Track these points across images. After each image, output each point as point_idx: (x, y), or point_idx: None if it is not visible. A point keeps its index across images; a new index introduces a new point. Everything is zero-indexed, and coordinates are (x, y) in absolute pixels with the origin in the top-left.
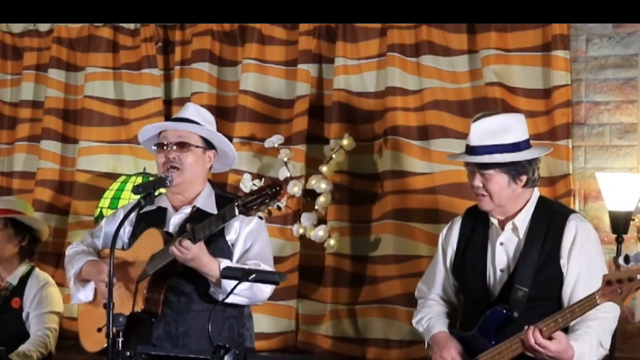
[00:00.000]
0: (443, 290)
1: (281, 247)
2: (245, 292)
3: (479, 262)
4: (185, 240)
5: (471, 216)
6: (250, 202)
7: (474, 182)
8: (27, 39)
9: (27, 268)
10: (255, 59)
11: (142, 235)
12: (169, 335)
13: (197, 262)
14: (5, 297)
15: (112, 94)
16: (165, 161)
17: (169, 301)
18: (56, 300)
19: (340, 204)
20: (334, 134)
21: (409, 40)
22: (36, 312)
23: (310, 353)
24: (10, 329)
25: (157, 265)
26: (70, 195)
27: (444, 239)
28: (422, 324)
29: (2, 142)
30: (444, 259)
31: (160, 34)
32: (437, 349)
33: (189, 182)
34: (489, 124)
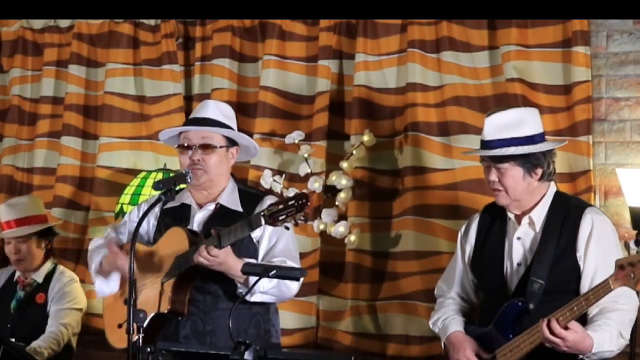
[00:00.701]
0: (462, 287)
1: (302, 243)
2: (273, 291)
3: (497, 257)
4: (211, 248)
5: (489, 213)
6: (277, 213)
7: (489, 176)
8: (47, 35)
9: (51, 265)
10: (276, 55)
11: (167, 233)
12: (196, 334)
13: (224, 267)
14: (30, 292)
15: (132, 90)
16: (190, 163)
17: (195, 300)
18: (79, 296)
19: (361, 200)
20: (355, 130)
21: (430, 36)
22: (56, 307)
23: (331, 349)
24: (34, 323)
25: (182, 267)
26: (91, 191)
27: (462, 236)
28: (437, 325)
29: (23, 138)
30: (462, 256)
31: (181, 30)
32: (453, 351)
33: (213, 180)
34: (502, 118)
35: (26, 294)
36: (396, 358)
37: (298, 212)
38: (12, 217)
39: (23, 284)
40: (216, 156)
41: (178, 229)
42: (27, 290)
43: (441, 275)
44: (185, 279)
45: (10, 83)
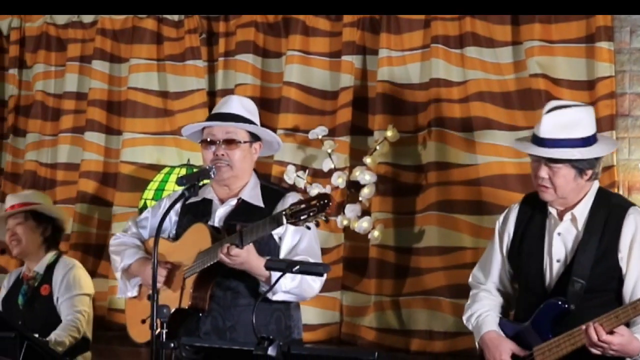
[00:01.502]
0: (499, 278)
1: (325, 238)
2: (295, 290)
3: (536, 252)
4: (232, 248)
5: (529, 204)
6: (299, 213)
7: (540, 172)
8: (71, 31)
9: (53, 256)
10: (299, 50)
11: (189, 230)
12: (216, 330)
13: (246, 265)
14: (34, 285)
15: (156, 85)
16: (214, 158)
17: (215, 296)
18: (84, 281)
19: (384, 196)
20: (378, 126)
21: (453, 32)
22: (65, 296)
23: (354, 344)
24: (42, 316)
25: (204, 263)
26: (114, 186)
27: (501, 225)
28: (471, 322)
29: (46, 133)
30: (500, 246)
31: (204, 26)
32: (488, 353)
33: (237, 176)
34: (560, 117)
35: (30, 287)
36: (420, 354)
37: (320, 212)
38: (12, 202)
39: (27, 278)
40: (240, 151)
41: (201, 225)
42: (31, 284)
43: (465, 270)
44: (207, 275)
45: (34, 79)
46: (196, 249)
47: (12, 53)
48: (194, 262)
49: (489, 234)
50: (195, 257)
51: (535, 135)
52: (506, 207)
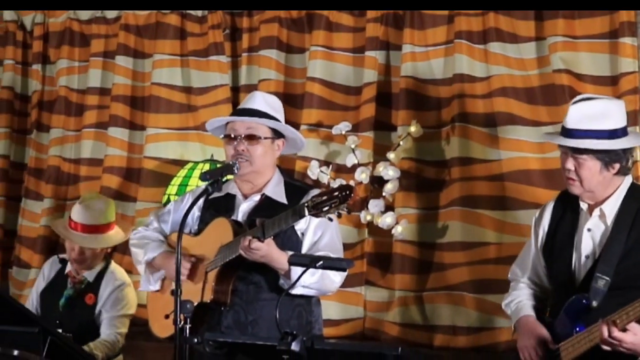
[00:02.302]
0: (535, 272)
1: (349, 234)
2: (315, 285)
3: (566, 247)
4: (253, 241)
5: (563, 200)
6: (321, 204)
7: (566, 164)
8: (94, 26)
9: (103, 264)
10: (323, 46)
11: (211, 224)
12: (238, 324)
13: (267, 259)
14: (80, 290)
15: (179, 81)
16: (235, 153)
17: (237, 290)
18: (131, 302)
19: (408, 191)
20: (402, 121)
21: (477, 27)
22: (109, 314)
23: (378, 340)
24: (81, 322)
25: (226, 257)
26: (138, 182)
27: (536, 221)
28: (510, 307)
29: (70, 129)
30: (535, 241)
31: (228, 21)
32: (521, 336)
33: (259, 172)
34: (588, 108)
35: (76, 291)
36: (443, 349)
37: (342, 204)
38: (85, 222)
39: (74, 281)
40: (261, 147)
41: (223, 219)
42: (77, 289)
43: (488, 266)
44: (229, 269)
45: (57, 74)
46: (218, 243)
47: (35, 49)
48: (216, 256)
49: (512, 230)
50: (217, 251)
51: (563, 126)
52: (530, 202)
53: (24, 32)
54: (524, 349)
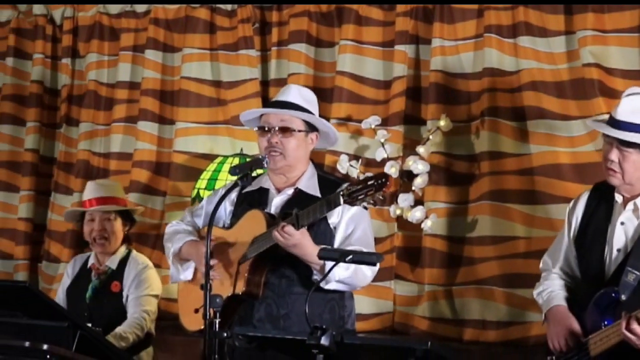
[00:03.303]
0: (567, 263)
1: (378, 228)
2: (348, 280)
3: (598, 240)
4: (288, 226)
5: (598, 192)
6: (356, 192)
7: (610, 155)
8: (124, 20)
9: (125, 251)
10: (352, 39)
11: (245, 216)
12: (270, 317)
13: (299, 249)
14: (105, 280)
15: (209, 75)
16: (268, 145)
17: (270, 283)
18: (154, 282)
19: (438, 185)
20: (431, 115)
21: (506, 21)
22: (134, 295)
23: (407, 334)
24: (110, 311)
25: (259, 248)
26: (167, 176)
27: (570, 211)
28: (542, 296)
29: (99, 123)
30: (568, 231)
31: (257, 15)
32: (552, 325)
33: (292, 165)
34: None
35: (101, 282)
36: (472, 343)
37: (377, 192)
38: (99, 195)
39: (98, 272)
40: (294, 140)
41: (256, 211)
42: (102, 279)
43: (518, 260)
44: (262, 261)
45: (87, 68)
46: (251, 234)
47: (65, 42)
48: (249, 248)
49: (542, 224)
50: (250, 242)
51: (612, 116)
52: (560, 196)
53: (53, 26)
54: (554, 338)
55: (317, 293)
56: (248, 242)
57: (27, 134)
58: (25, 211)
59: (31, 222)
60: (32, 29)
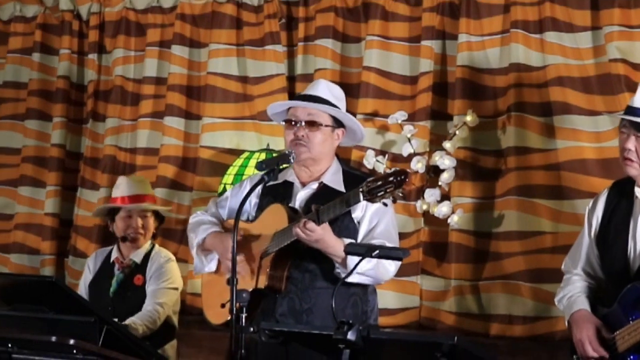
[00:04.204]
0: (588, 263)
1: (405, 223)
2: (370, 272)
3: (621, 235)
4: (309, 222)
5: (617, 189)
6: (375, 189)
7: (627, 144)
8: (150, 16)
9: (149, 245)
10: (379, 35)
11: (267, 210)
12: (293, 312)
13: (321, 244)
14: (128, 274)
15: (235, 70)
16: (294, 138)
17: (292, 278)
18: (175, 276)
19: (464, 180)
20: (458, 110)
21: (533, 17)
22: (152, 287)
23: (434, 329)
24: (133, 305)
25: (281, 243)
26: (194, 171)
27: (590, 210)
28: (562, 302)
29: (126, 118)
30: (589, 230)
31: (284, 11)
32: (576, 330)
33: (316, 159)
34: None
35: (125, 276)
36: (499, 338)
37: (397, 189)
38: (133, 192)
39: (122, 266)
40: (321, 134)
41: (278, 205)
42: (126, 272)
43: (544, 255)
44: (284, 255)
45: (113, 64)
46: (273, 228)
47: (91, 38)
48: (271, 242)
49: (568, 219)
50: (272, 236)
51: (629, 105)
52: (586, 192)
53: (80, 22)
54: (579, 344)
55: (341, 288)
56: (270, 236)
57: (54, 130)
58: (51, 206)
59: (58, 217)
60: (59, 24)
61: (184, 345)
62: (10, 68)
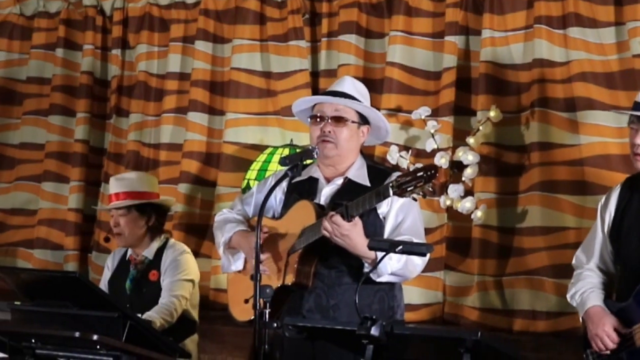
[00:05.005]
0: (601, 258)
1: (428, 218)
2: (400, 271)
3: (634, 230)
4: (337, 216)
5: (629, 185)
6: (405, 184)
7: (636, 139)
8: (174, 11)
9: (161, 241)
10: (402, 30)
11: (294, 206)
12: (319, 307)
13: (349, 240)
14: (142, 270)
15: (259, 65)
16: (320, 134)
17: (319, 274)
18: (191, 267)
19: (487, 176)
20: (481, 106)
21: (556, 12)
22: (168, 279)
23: (457, 324)
24: (150, 301)
25: (309, 239)
26: (217, 167)
27: (602, 206)
28: (575, 299)
29: (149, 114)
30: (602, 227)
31: (307, 6)
32: (592, 326)
33: (343, 156)
34: None
35: (139, 272)
36: (522, 333)
37: (426, 183)
38: (117, 190)
39: (135, 262)
40: (347, 130)
41: (305, 202)
42: (140, 269)
43: (568, 250)
44: (311, 251)
45: (137, 59)
46: (301, 225)
47: (115, 34)
48: (298, 239)
49: (592, 214)
50: (300, 233)
51: (635, 101)
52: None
53: (103, 17)
54: (596, 339)
55: (367, 284)
56: (297, 233)
57: (77, 125)
58: (75, 202)
59: (81, 212)
60: (82, 20)
61: (207, 341)
62: (34, 64)
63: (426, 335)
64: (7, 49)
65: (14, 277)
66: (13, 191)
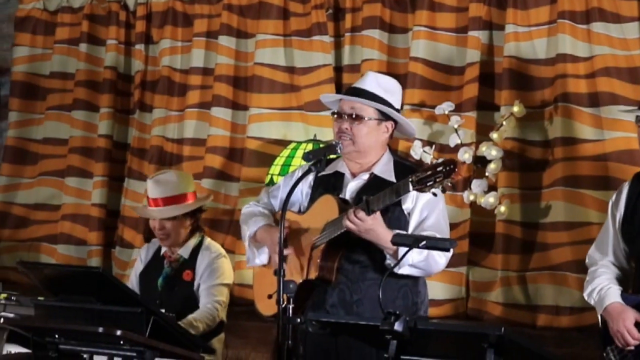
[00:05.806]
0: (614, 255)
1: (452, 214)
2: (422, 264)
3: None
4: (359, 211)
5: (639, 181)
6: (425, 179)
7: None
8: (197, 6)
9: (197, 240)
10: (426, 25)
11: (318, 201)
12: (343, 303)
13: (371, 234)
14: (177, 268)
15: (282, 61)
16: (338, 131)
17: (343, 269)
18: (227, 272)
19: (511, 171)
20: (505, 101)
21: (580, 7)
22: (206, 284)
23: (481, 320)
24: (181, 300)
25: (332, 234)
26: (241, 162)
27: (613, 203)
28: (593, 297)
29: (173, 109)
30: (613, 223)
31: (331, 1)
32: (612, 323)
33: (362, 152)
34: None
35: (173, 270)
36: (546, 329)
37: (446, 178)
38: (160, 195)
39: (170, 260)
40: (365, 128)
41: (329, 196)
42: (174, 267)
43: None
44: (335, 246)
45: (160, 54)
46: (324, 220)
47: (138, 29)
48: (322, 233)
49: None
50: (323, 227)
51: None
52: None
53: (127, 12)
54: (617, 335)
55: (391, 279)
56: (320, 228)
57: (101, 120)
58: (98, 197)
59: (105, 208)
60: (106, 15)
61: (231, 336)
62: (57, 58)
63: (449, 330)
64: (31, 44)
65: (37, 273)
66: (37, 186)
